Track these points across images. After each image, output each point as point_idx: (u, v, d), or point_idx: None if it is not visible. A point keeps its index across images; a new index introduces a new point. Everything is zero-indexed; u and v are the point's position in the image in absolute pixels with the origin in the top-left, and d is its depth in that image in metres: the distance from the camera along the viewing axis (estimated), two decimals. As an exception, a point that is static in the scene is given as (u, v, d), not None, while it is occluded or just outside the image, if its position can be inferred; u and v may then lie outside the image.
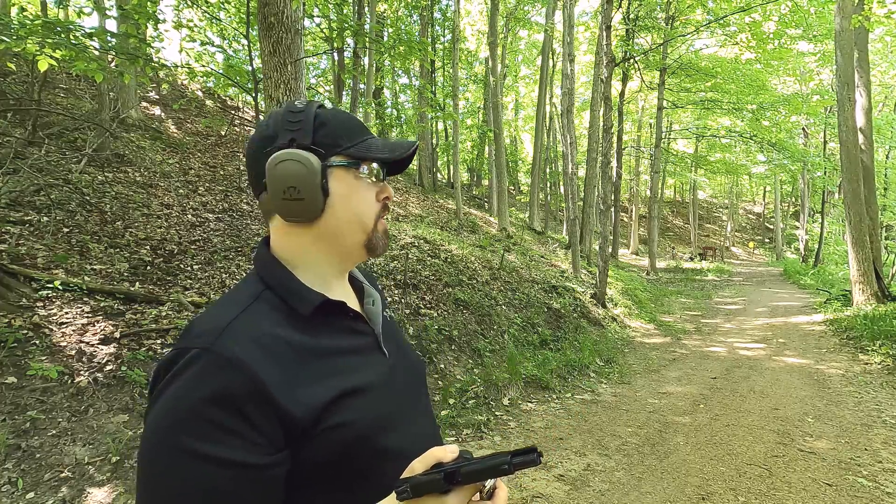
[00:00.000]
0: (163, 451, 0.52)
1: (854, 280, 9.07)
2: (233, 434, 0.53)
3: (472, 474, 0.53)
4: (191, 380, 0.54)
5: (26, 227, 4.38)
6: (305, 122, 0.68)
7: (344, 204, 0.69)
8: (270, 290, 0.67)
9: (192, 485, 0.51)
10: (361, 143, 0.71)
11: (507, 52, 20.59)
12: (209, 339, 0.56)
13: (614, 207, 16.79)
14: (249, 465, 0.53)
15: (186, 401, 0.53)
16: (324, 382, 0.61)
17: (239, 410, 0.54)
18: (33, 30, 3.65)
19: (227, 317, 0.60)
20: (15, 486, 2.42)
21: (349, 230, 0.70)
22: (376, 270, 6.26)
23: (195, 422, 0.52)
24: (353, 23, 5.55)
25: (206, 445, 0.52)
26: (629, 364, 6.32)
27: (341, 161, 0.69)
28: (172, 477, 0.52)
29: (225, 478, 0.52)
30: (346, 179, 0.69)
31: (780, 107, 16.45)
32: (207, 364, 0.55)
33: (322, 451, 0.59)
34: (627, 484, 3.11)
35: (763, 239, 36.61)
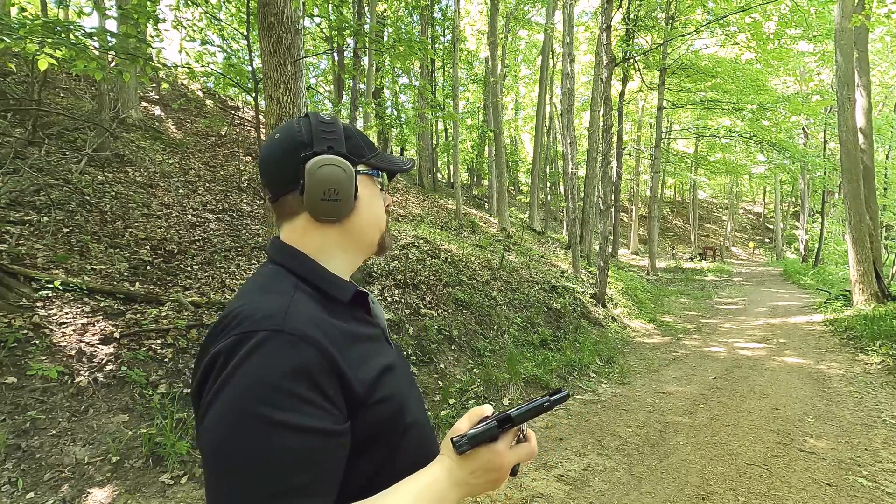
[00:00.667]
0: (252, 427, 0.55)
1: (854, 280, 9.07)
2: (313, 405, 0.58)
3: (522, 415, 0.62)
4: (268, 357, 0.57)
5: (26, 227, 4.38)
6: (338, 133, 0.76)
7: (367, 206, 0.78)
8: (303, 281, 0.72)
9: (285, 452, 0.55)
10: (377, 155, 0.80)
11: (507, 52, 20.59)
12: (277, 321, 0.60)
13: (614, 207, 16.79)
14: (330, 431, 0.58)
15: (268, 377, 0.56)
16: (369, 362, 0.68)
17: (316, 383, 0.59)
18: (33, 29, 3.65)
19: (283, 303, 0.65)
20: (15, 486, 2.42)
21: (370, 229, 0.79)
22: (377, 270, 6.26)
23: (279, 395, 0.56)
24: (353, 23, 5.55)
25: (293, 415, 0.56)
26: (629, 364, 6.32)
27: (365, 169, 0.78)
28: (266, 448, 0.54)
29: (312, 444, 0.56)
30: (368, 185, 0.79)
31: (780, 107, 16.45)
32: (283, 342, 0.59)
33: (371, 423, 0.65)
34: (627, 484, 3.10)
35: (763, 239, 36.61)
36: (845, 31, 9.05)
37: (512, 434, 0.65)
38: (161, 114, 9.56)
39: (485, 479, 0.64)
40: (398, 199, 12.38)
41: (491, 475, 0.64)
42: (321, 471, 0.57)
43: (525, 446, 0.66)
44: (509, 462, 0.64)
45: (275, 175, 0.75)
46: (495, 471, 0.64)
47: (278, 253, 0.75)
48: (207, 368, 0.60)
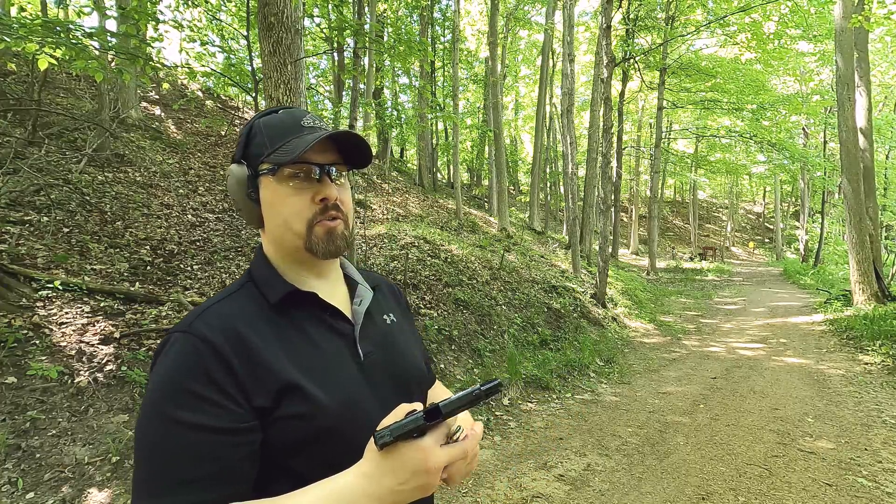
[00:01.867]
0: (154, 421, 0.59)
1: (854, 280, 9.07)
2: (209, 402, 0.59)
3: (450, 406, 0.55)
4: (171, 358, 0.62)
5: (26, 227, 4.38)
6: (241, 137, 0.75)
7: (271, 210, 0.72)
8: (252, 281, 0.74)
9: (179, 449, 0.57)
10: (283, 145, 0.71)
11: (507, 52, 20.58)
12: (187, 323, 0.64)
13: (614, 207, 16.79)
14: (226, 429, 0.59)
15: (169, 375, 0.60)
16: (282, 370, 0.64)
17: (213, 381, 0.60)
18: (33, 29, 3.65)
19: (208, 304, 0.68)
20: (15, 486, 2.42)
21: (283, 235, 0.73)
22: (376, 271, 6.26)
23: (178, 393, 0.59)
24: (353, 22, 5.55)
25: (188, 414, 0.58)
26: (629, 364, 6.32)
27: (265, 168, 0.71)
28: (163, 443, 0.58)
29: (207, 440, 0.58)
30: (270, 186, 0.71)
31: (780, 107, 16.45)
32: (185, 343, 0.62)
33: (282, 436, 0.63)
34: (627, 484, 3.10)
35: (763, 239, 36.60)
36: (845, 31, 9.04)
37: (442, 430, 0.57)
38: (161, 114, 9.56)
39: (410, 482, 0.55)
40: (398, 200, 12.37)
41: (417, 478, 0.55)
42: (217, 466, 0.58)
43: (457, 445, 0.57)
44: (437, 461, 0.55)
45: None
46: (422, 472, 0.55)
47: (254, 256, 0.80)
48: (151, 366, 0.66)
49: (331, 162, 0.74)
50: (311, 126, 0.74)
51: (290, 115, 0.75)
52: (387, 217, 10.11)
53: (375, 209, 10.46)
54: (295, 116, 0.75)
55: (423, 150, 17.24)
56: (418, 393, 0.83)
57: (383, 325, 0.82)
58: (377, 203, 10.99)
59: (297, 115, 0.75)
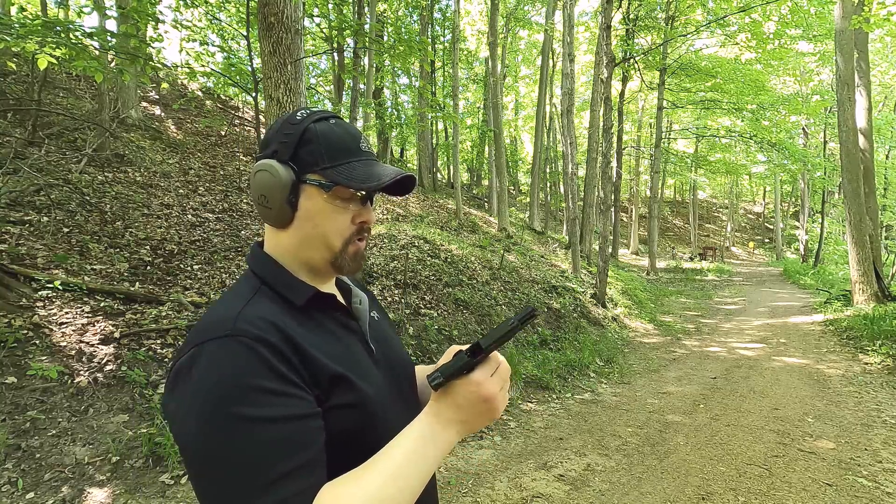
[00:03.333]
0: (229, 428, 0.55)
1: (854, 280, 9.07)
2: (284, 394, 0.58)
3: (489, 340, 0.62)
4: (222, 361, 0.58)
5: (26, 227, 4.38)
6: (292, 137, 0.72)
7: (310, 221, 0.72)
8: (266, 285, 0.72)
9: (268, 445, 0.55)
10: (342, 165, 0.71)
11: (507, 52, 20.60)
12: (227, 327, 0.61)
13: (614, 207, 16.79)
14: (301, 415, 0.59)
15: (228, 379, 0.57)
16: (328, 363, 0.66)
17: (280, 374, 0.59)
18: (33, 29, 3.65)
19: (235, 308, 0.65)
20: (15, 486, 2.42)
21: (313, 246, 0.73)
22: (376, 271, 6.26)
23: (246, 394, 0.56)
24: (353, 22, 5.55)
25: (266, 409, 0.56)
26: (629, 364, 6.32)
27: (316, 180, 0.71)
28: (246, 445, 0.55)
29: (288, 430, 0.57)
30: (316, 199, 0.71)
31: (780, 107, 16.45)
32: (233, 344, 0.59)
33: (334, 426, 0.64)
34: (627, 484, 3.10)
35: (763, 239, 36.60)
36: (845, 31, 9.04)
37: (490, 364, 0.65)
38: (161, 114, 9.56)
39: (472, 413, 0.64)
40: (398, 200, 12.37)
41: (478, 407, 0.63)
42: (304, 453, 0.58)
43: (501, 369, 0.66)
44: (492, 390, 0.63)
45: None
46: (482, 402, 0.63)
47: (249, 257, 0.77)
48: (170, 385, 0.60)
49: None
50: (367, 151, 0.75)
51: (349, 134, 0.74)
52: (387, 217, 10.11)
53: (375, 209, 10.44)
54: (354, 136, 0.75)
55: (423, 150, 17.24)
56: (411, 380, 0.87)
57: (374, 322, 0.85)
58: (377, 203, 10.99)
59: (355, 134, 0.75)
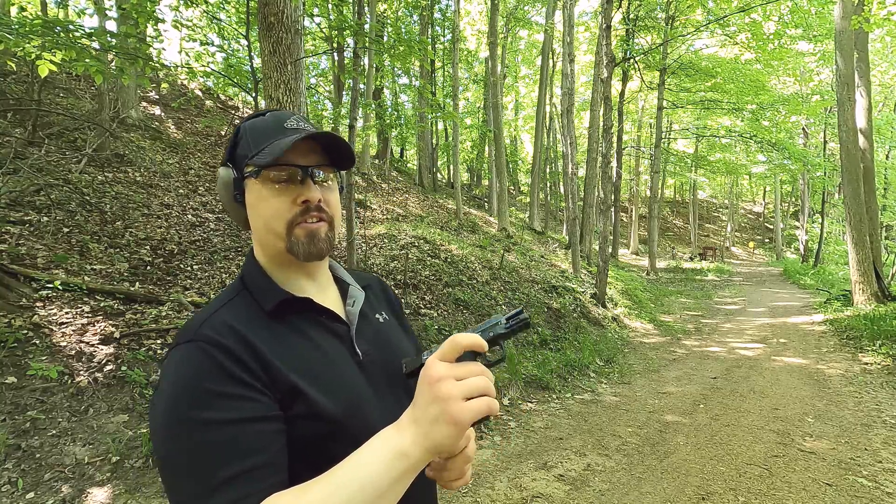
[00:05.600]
0: (181, 431, 0.56)
1: (854, 280, 9.07)
2: (237, 397, 0.58)
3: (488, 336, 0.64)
4: (183, 366, 0.60)
5: (26, 227, 4.38)
6: (230, 140, 0.76)
7: (253, 213, 0.73)
8: (247, 289, 0.73)
9: (219, 447, 0.55)
10: (265, 148, 0.71)
11: (507, 52, 20.59)
12: (191, 333, 0.63)
13: (614, 207, 16.79)
14: (264, 417, 0.59)
15: (184, 383, 0.58)
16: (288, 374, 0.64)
17: (234, 377, 0.59)
18: (33, 29, 3.65)
19: (206, 313, 0.67)
20: (15, 486, 2.42)
21: (266, 237, 0.73)
22: (376, 271, 6.26)
23: (201, 397, 0.57)
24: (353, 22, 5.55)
25: (219, 412, 0.56)
26: (629, 364, 6.32)
27: (249, 171, 0.72)
28: (198, 448, 0.55)
29: (242, 432, 0.57)
30: (254, 188, 0.72)
31: (779, 107, 16.46)
32: (193, 349, 0.61)
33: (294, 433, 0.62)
34: (627, 484, 3.11)
35: (763, 239, 36.60)
36: (845, 31, 9.04)
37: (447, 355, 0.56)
38: (161, 114, 9.56)
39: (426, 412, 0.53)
40: (398, 200, 12.38)
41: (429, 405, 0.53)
42: (255, 457, 0.56)
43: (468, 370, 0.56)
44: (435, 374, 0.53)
45: None
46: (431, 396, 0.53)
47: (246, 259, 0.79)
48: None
49: (315, 164, 0.72)
50: (294, 128, 0.73)
51: (275, 117, 0.75)
52: (387, 217, 10.11)
53: (375, 209, 10.46)
54: (279, 118, 0.75)
55: (423, 150, 17.24)
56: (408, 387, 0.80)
57: (376, 324, 0.82)
58: (377, 203, 10.99)
59: (282, 116, 0.75)
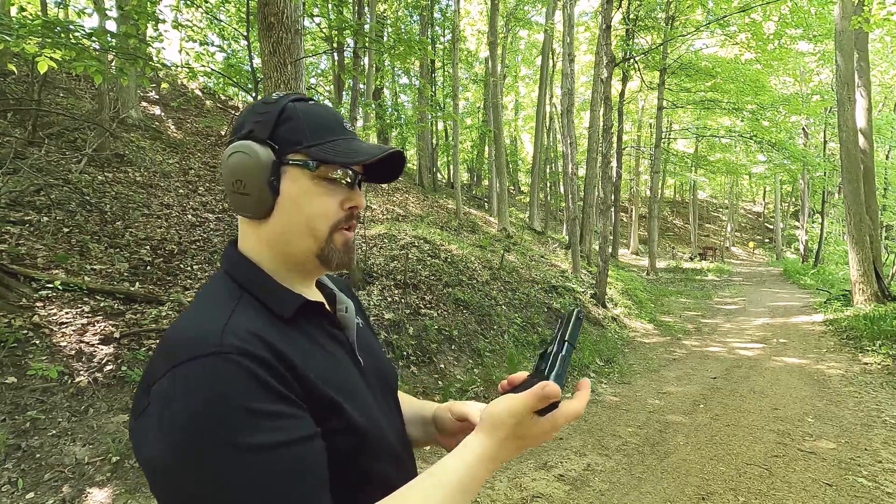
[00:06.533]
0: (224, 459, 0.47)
1: (854, 280, 9.07)
2: (285, 416, 0.52)
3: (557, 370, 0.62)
4: (213, 384, 0.49)
5: (26, 227, 4.38)
6: (269, 115, 0.64)
7: (293, 207, 0.64)
8: (246, 291, 0.63)
9: (273, 475, 0.48)
10: (327, 143, 0.65)
11: (507, 52, 20.59)
12: (213, 342, 0.52)
13: (614, 207, 16.79)
14: (308, 436, 0.53)
15: (221, 403, 0.49)
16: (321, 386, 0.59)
17: (278, 394, 0.52)
18: (33, 29, 3.65)
19: (217, 319, 0.56)
20: (15, 486, 2.42)
21: (298, 235, 0.65)
22: (377, 271, 6.26)
23: (243, 418, 0.49)
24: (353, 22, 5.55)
25: (267, 435, 0.49)
26: (629, 364, 6.32)
27: (298, 160, 0.64)
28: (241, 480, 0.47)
29: (300, 454, 0.51)
30: (300, 180, 0.64)
31: (779, 107, 16.46)
32: (221, 363, 0.51)
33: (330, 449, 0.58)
34: (627, 484, 3.10)
35: (763, 239, 36.60)
36: (845, 31, 9.05)
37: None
38: (161, 114, 9.56)
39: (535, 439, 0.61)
40: (398, 200, 12.38)
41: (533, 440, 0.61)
42: (312, 478, 0.52)
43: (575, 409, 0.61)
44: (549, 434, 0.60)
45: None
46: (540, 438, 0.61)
47: (224, 258, 0.68)
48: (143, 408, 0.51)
49: (363, 172, 0.71)
50: (351, 131, 0.69)
51: (332, 113, 0.69)
52: (387, 217, 10.11)
53: (375, 209, 10.46)
54: (336, 115, 0.69)
55: (423, 150, 17.24)
56: (395, 390, 0.82)
57: (359, 329, 0.78)
58: (377, 203, 10.99)
59: (337, 114, 0.70)
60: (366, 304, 5.39)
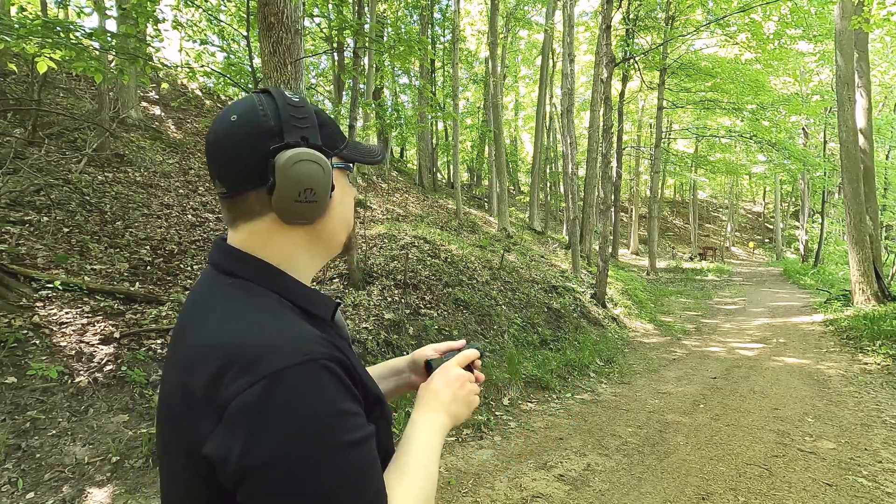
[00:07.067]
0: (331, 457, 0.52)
1: (854, 280, 9.07)
2: (360, 416, 0.58)
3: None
4: (313, 389, 0.54)
5: (26, 227, 4.38)
6: (312, 119, 0.66)
7: (340, 205, 0.70)
8: (281, 297, 0.64)
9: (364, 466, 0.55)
10: (349, 145, 0.72)
11: (507, 52, 20.59)
12: (301, 350, 0.55)
13: (614, 207, 16.80)
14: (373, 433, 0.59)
15: (325, 406, 0.54)
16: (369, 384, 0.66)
17: (355, 396, 0.58)
18: (33, 29, 3.65)
19: (290, 328, 0.59)
20: (15, 486, 2.42)
21: (340, 229, 0.72)
22: (376, 271, 6.26)
23: (341, 419, 0.54)
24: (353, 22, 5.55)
25: (356, 433, 0.55)
26: (629, 364, 6.32)
27: (338, 163, 0.69)
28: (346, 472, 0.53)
29: (371, 450, 0.57)
30: (340, 181, 0.70)
31: (779, 107, 16.45)
32: (317, 369, 0.55)
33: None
34: (627, 484, 3.10)
35: (763, 239, 36.60)
36: (845, 31, 9.05)
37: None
38: (161, 114, 9.56)
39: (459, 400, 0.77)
40: (397, 199, 12.39)
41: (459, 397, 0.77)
42: (378, 467, 0.58)
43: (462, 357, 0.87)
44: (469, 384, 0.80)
45: (233, 167, 0.62)
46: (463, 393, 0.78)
47: (240, 265, 0.65)
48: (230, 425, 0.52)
49: None
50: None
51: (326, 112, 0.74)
52: (387, 217, 10.11)
53: (375, 209, 10.46)
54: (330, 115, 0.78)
55: (423, 150, 17.24)
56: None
57: None
58: (377, 203, 10.99)
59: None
60: (366, 303, 5.39)
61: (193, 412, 0.55)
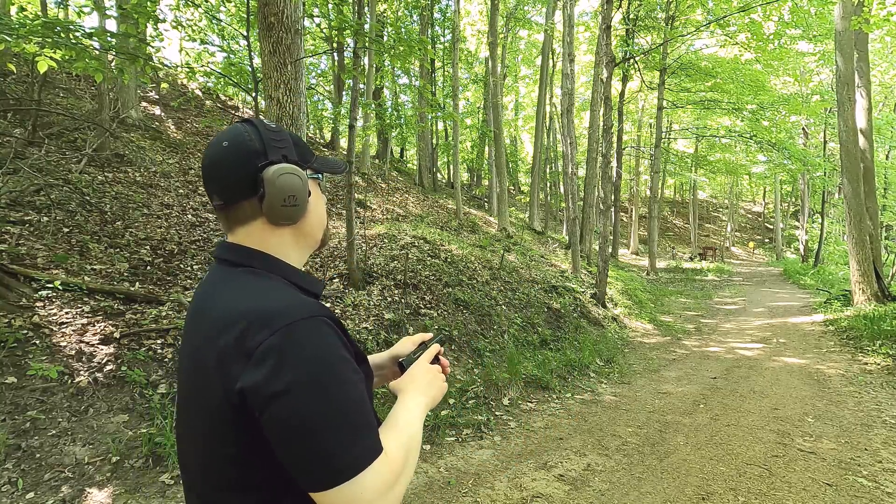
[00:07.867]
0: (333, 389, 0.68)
1: (854, 280, 9.07)
2: (352, 362, 0.73)
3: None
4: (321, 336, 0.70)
5: (26, 227, 4.38)
6: (287, 141, 0.83)
7: (315, 207, 0.87)
8: (284, 278, 0.81)
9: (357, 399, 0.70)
10: (318, 159, 0.89)
11: (507, 52, 20.58)
12: (309, 310, 0.72)
13: (614, 207, 16.79)
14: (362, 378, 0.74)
15: (328, 349, 0.70)
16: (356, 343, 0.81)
17: (346, 345, 0.74)
18: (33, 29, 3.65)
19: (295, 296, 0.76)
20: (15, 486, 2.42)
21: (317, 227, 0.89)
22: (376, 271, 6.26)
23: (340, 361, 0.70)
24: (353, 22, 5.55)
25: (352, 374, 0.71)
26: (629, 364, 6.32)
27: (311, 173, 0.86)
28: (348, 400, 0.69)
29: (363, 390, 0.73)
30: (314, 188, 0.88)
31: (780, 107, 16.43)
32: (320, 323, 0.71)
33: None
34: (627, 484, 3.10)
35: (763, 239, 36.59)
36: (845, 31, 9.04)
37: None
38: (161, 114, 9.56)
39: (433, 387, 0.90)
40: (397, 199, 12.40)
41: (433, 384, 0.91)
42: (370, 405, 0.74)
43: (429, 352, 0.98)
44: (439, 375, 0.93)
45: (230, 182, 0.79)
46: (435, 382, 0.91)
47: (247, 257, 0.81)
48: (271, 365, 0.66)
49: None
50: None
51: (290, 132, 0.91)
52: (387, 217, 10.11)
53: (375, 209, 10.46)
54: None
55: (423, 150, 17.24)
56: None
57: None
58: (377, 203, 10.99)
59: None
60: (366, 304, 5.39)
61: (226, 362, 0.69)
